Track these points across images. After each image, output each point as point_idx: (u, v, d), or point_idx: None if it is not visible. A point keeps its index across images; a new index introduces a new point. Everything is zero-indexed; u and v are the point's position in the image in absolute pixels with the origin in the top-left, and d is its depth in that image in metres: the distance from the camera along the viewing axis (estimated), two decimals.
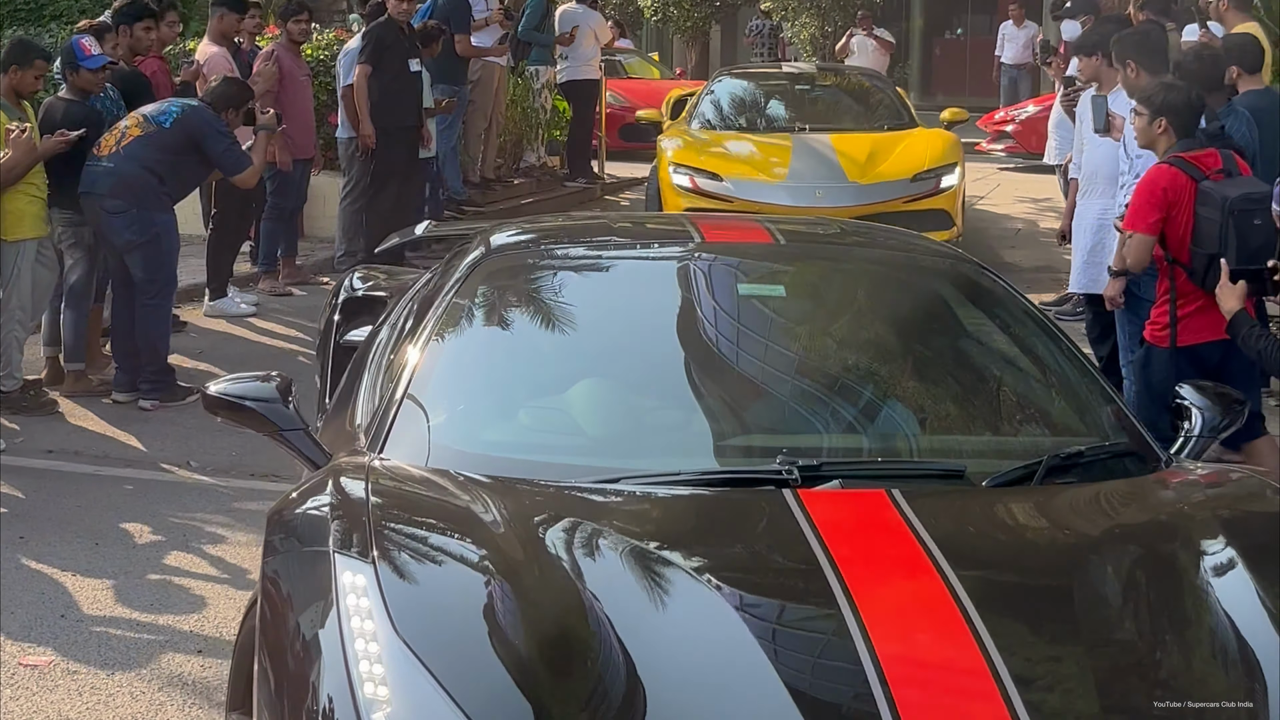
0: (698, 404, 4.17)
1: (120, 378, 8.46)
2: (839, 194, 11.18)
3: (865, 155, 11.76)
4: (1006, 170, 17.89)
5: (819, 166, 11.65)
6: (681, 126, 13.15)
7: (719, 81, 13.92)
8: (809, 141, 12.15)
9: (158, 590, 5.77)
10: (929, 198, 11.43)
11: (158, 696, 4.87)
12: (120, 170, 8.16)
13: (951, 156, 11.94)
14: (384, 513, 3.40)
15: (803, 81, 14.08)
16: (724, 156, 12.03)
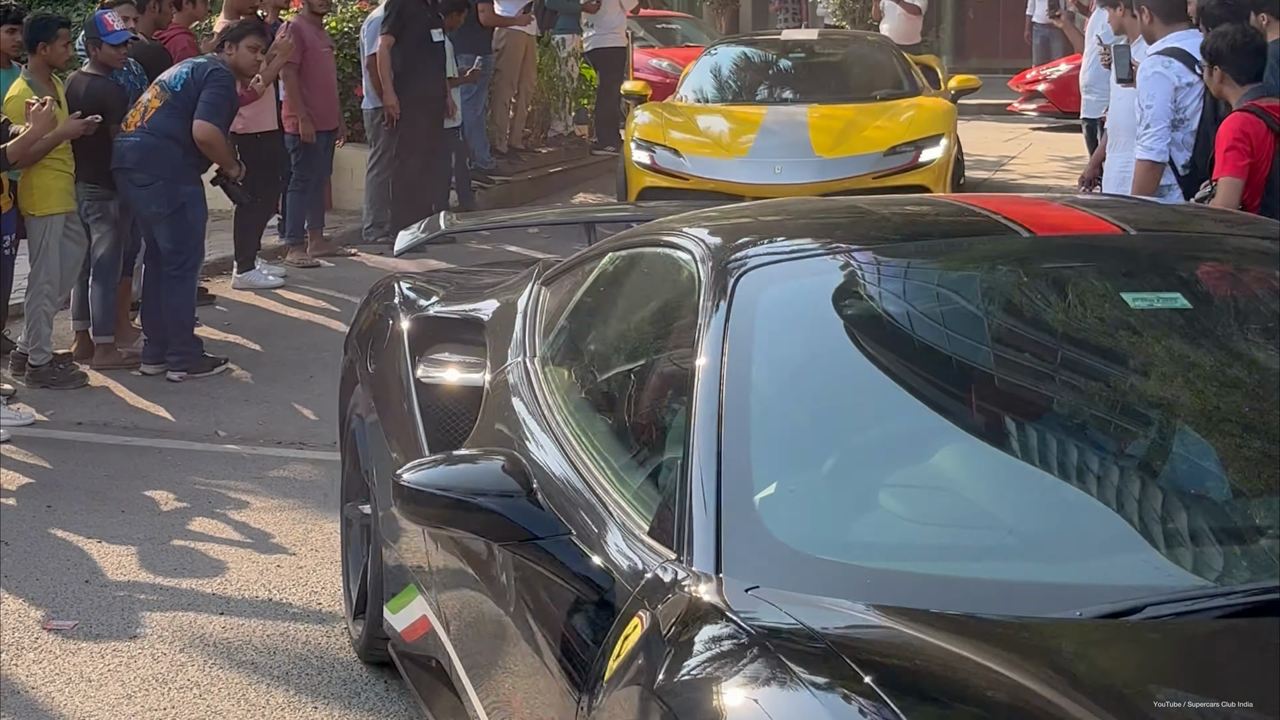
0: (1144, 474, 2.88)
1: (149, 350, 8.54)
2: (799, 169, 10.55)
3: (840, 128, 11.15)
4: (1039, 130, 17.78)
5: (784, 141, 11.00)
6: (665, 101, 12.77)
7: (712, 52, 13.43)
8: (783, 114, 11.60)
9: (182, 555, 5.84)
10: (904, 172, 10.65)
11: (179, 658, 4.93)
12: (145, 143, 8.24)
13: (937, 127, 11.16)
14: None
15: (798, 50, 13.41)
16: (689, 132, 11.52)
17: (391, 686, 4.72)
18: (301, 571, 5.64)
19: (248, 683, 4.76)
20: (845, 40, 14.37)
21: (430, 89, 11.52)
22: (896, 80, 12.44)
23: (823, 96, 12.04)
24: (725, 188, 10.18)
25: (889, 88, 12.30)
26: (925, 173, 10.67)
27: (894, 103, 11.76)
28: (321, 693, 4.69)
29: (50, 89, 8.04)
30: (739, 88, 12.67)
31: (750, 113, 11.74)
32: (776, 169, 10.41)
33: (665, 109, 12.13)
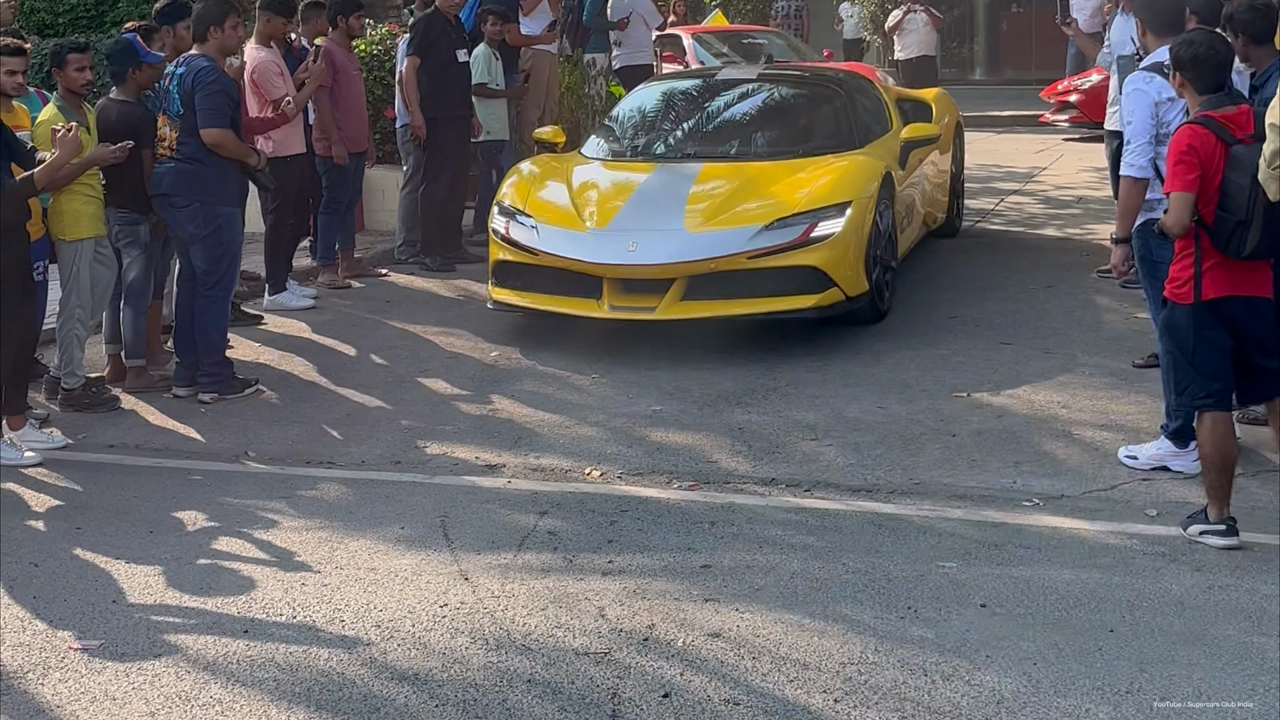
0: None
1: (180, 372, 8.62)
2: (657, 246, 8.84)
3: (723, 195, 9.33)
4: (1071, 140, 17.72)
5: (655, 210, 9.26)
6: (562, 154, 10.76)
7: (639, 91, 11.62)
8: (668, 176, 9.81)
9: (208, 575, 5.89)
10: (786, 252, 8.78)
11: (202, 676, 4.98)
12: (179, 169, 8.39)
13: (845, 192, 9.15)
14: None
15: (732, 92, 11.18)
16: (557, 195, 9.70)
17: (411, 703, 4.75)
18: (326, 590, 5.69)
19: (270, 700, 4.80)
20: (797, 80, 11.61)
21: (456, 108, 11.62)
22: (837, 130, 10.46)
23: (731, 152, 10.28)
24: (576, 267, 8.93)
25: (824, 139, 10.38)
26: (816, 251, 8.79)
27: (818, 160, 9.84)
28: (342, 711, 4.73)
29: (80, 115, 8.15)
30: (642, 138, 10.74)
31: (634, 173, 9.97)
32: (631, 246, 8.83)
33: (552, 162, 10.34)
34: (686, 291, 8.75)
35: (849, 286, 8.95)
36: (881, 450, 7.23)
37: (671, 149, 10.42)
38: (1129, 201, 6.76)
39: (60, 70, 8.28)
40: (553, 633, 5.25)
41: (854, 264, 9.00)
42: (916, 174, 10.71)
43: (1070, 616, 5.32)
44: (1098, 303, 10.10)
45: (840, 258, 8.91)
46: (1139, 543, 6.03)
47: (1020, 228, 12.92)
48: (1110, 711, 4.61)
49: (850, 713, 4.63)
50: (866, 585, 5.62)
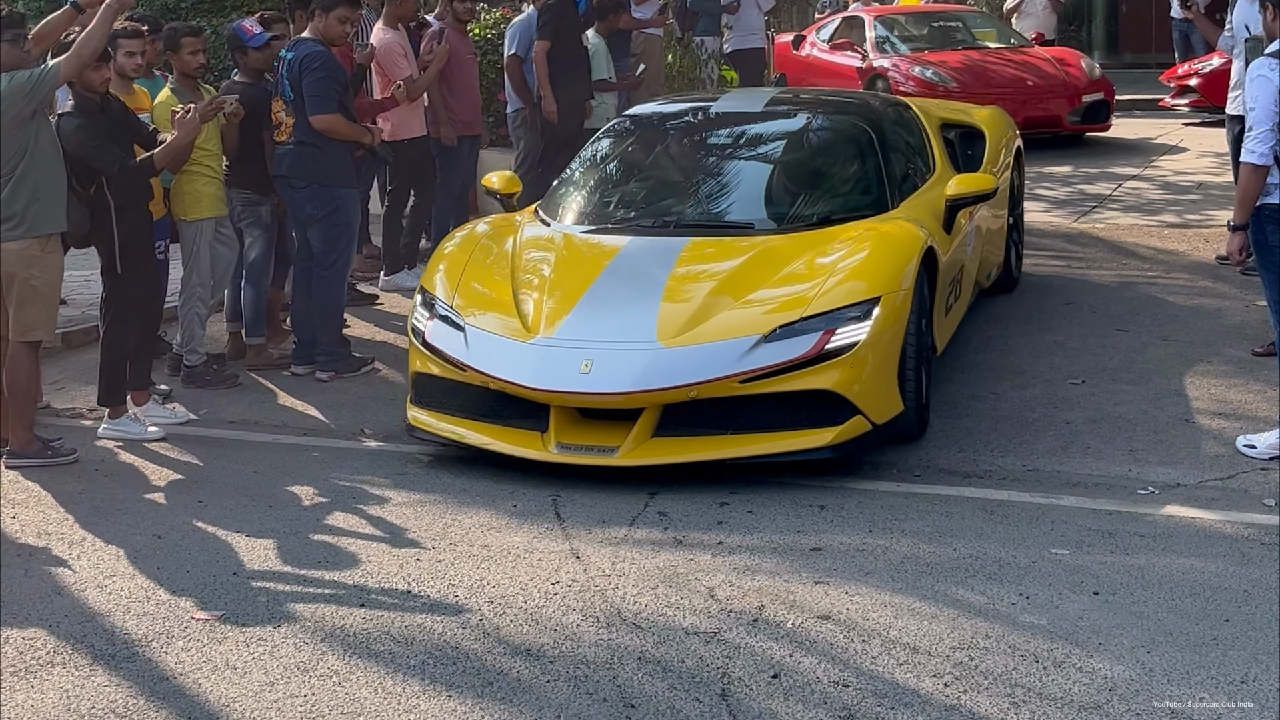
0: None
1: (298, 351, 8.78)
2: (619, 366, 6.59)
3: (716, 286, 7.00)
4: (1191, 125, 17.43)
5: (620, 310, 6.98)
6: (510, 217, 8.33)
7: (610, 129, 9.05)
8: (639, 257, 7.43)
9: (325, 549, 6.00)
10: (793, 371, 6.53)
11: (320, 647, 5.08)
12: (297, 151, 8.53)
13: (877, 284, 6.80)
14: None
15: (729, 129, 8.66)
16: (495, 280, 7.37)
17: (524, 676, 4.82)
18: (440, 565, 5.77)
19: (385, 672, 4.89)
20: (814, 113, 8.82)
21: (579, 93, 11.67)
22: (864, 184, 8.01)
23: (724, 218, 7.84)
24: (512, 391, 6.72)
25: (847, 197, 7.97)
26: (833, 370, 6.53)
27: (838, 231, 7.48)
28: (456, 683, 4.81)
29: (196, 97, 8.31)
30: (610, 198, 8.30)
31: (596, 251, 7.57)
32: (585, 366, 6.58)
33: (499, 228, 8.01)
34: (660, 424, 6.57)
35: (877, 412, 6.64)
36: (994, 436, 7.19)
37: (647, 213, 7.99)
38: (1248, 189, 6.67)
39: (175, 54, 8.46)
40: (663, 611, 5.29)
41: (884, 382, 6.70)
42: (964, 234, 8.23)
43: (1184, 605, 5.27)
44: (1217, 290, 9.95)
45: (865, 376, 6.59)
46: (1256, 532, 5.95)
47: (1138, 213, 12.74)
48: (1225, 702, 4.56)
49: (960, 697, 4.63)
50: (978, 570, 5.60)
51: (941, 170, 8.67)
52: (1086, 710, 4.53)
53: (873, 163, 8.10)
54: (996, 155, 9.47)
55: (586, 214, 8.09)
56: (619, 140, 8.83)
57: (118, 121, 7.51)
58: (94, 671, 4.96)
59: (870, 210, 7.75)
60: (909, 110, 9.29)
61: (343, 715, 4.61)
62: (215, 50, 12.22)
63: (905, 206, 7.87)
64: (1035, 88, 15.95)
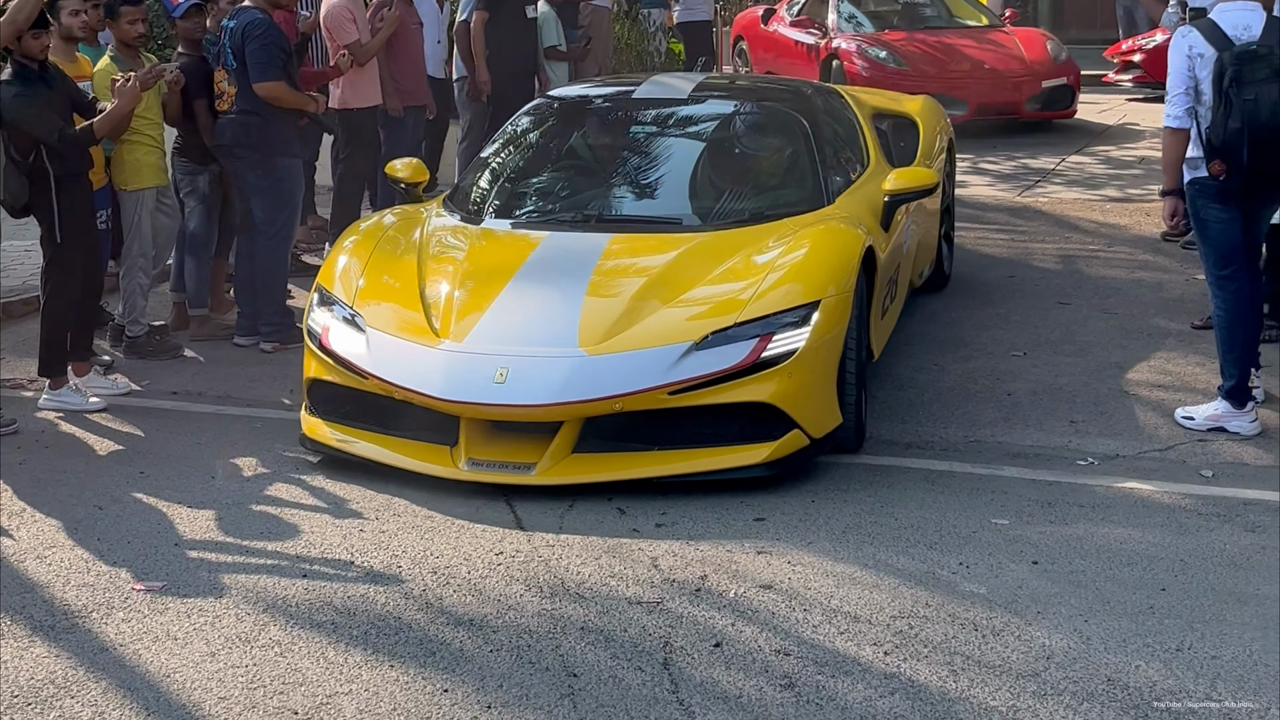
0: None
1: (242, 322, 8.73)
2: (538, 375, 6.11)
3: (642, 287, 6.52)
4: (1135, 100, 17.55)
5: (539, 313, 6.48)
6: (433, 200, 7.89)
7: (523, 117, 8.48)
8: (560, 256, 6.93)
9: (268, 520, 5.98)
10: (731, 382, 6.07)
11: (261, 618, 5.07)
12: (239, 120, 8.47)
13: (817, 285, 6.35)
14: None
15: (654, 117, 8.13)
16: (400, 279, 6.83)
17: (466, 647, 4.82)
18: (383, 536, 5.76)
19: (327, 643, 4.89)
20: (744, 100, 8.53)
21: (522, 64, 11.62)
22: (799, 179, 7.55)
23: (649, 214, 7.32)
24: (419, 402, 6.22)
25: (781, 192, 7.53)
26: (769, 380, 6.09)
27: (773, 228, 6.99)
28: (398, 654, 4.81)
29: (136, 65, 8.23)
30: (525, 191, 7.79)
31: (511, 250, 7.05)
32: (500, 374, 6.09)
33: (405, 221, 7.45)
34: (581, 440, 6.12)
35: (815, 426, 6.23)
36: (937, 408, 7.24)
37: (566, 206, 7.50)
38: (1169, 153, 6.83)
39: (113, 23, 8.37)
40: (606, 582, 5.31)
41: (823, 392, 6.27)
42: (901, 232, 7.75)
43: (1122, 574, 5.33)
44: (1158, 264, 10.04)
45: (803, 387, 6.16)
46: (1193, 503, 6.02)
47: (1080, 188, 12.83)
48: (1160, 669, 4.62)
49: (900, 665, 4.67)
50: (919, 540, 5.65)
51: (876, 163, 8.18)
52: (1024, 678, 4.58)
53: (807, 155, 7.63)
54: (930, 147, 9.05)
55: (500, 206, 7.58)
56: (536, 126, 8.32)
57: (57, 89, 7.43)
58: (33, 643, 4.93)
59: (805, 206, 7.27)
60: (841, 99, 8.89)
61: (284, 685, 4.61)
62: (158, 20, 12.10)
63: (842, 202, 7.38)
64: (993, 72, 15.29)
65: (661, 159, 7.84)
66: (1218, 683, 4.52)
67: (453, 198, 7.79)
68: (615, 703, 4.46)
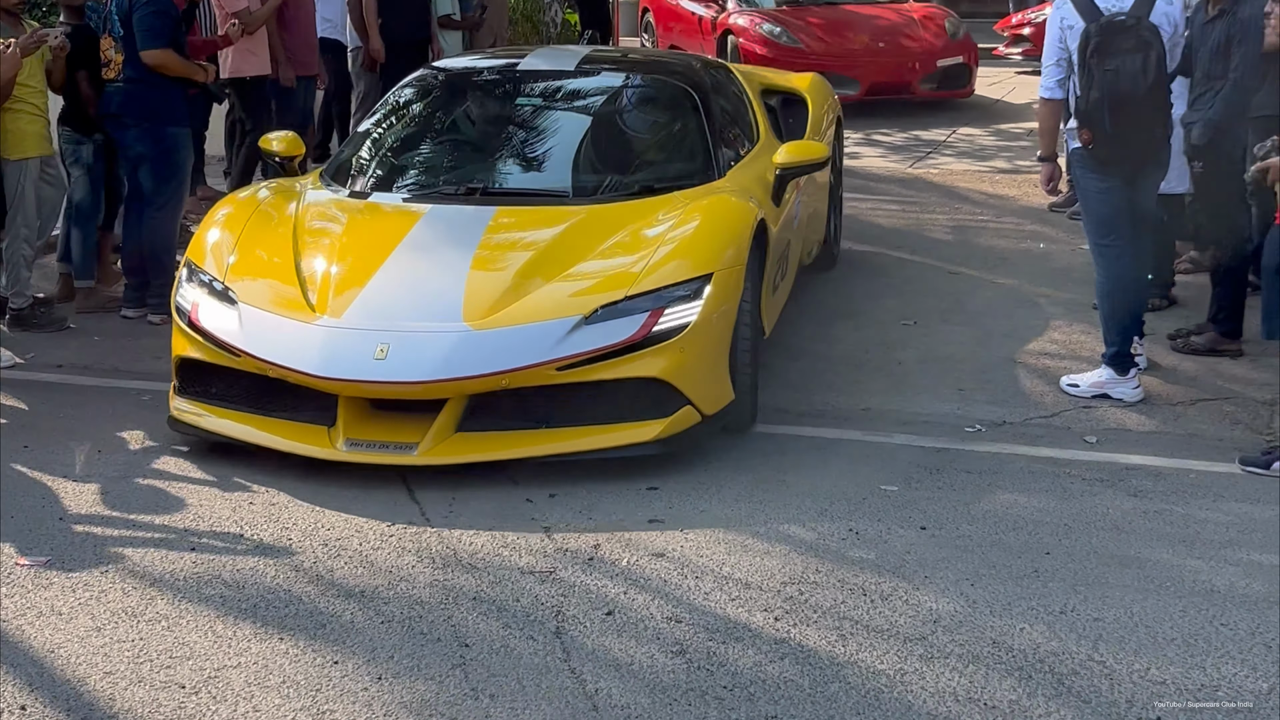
0: None
1: (129, 294, 8.60)
2: (420, 351, 5.91)
3: (529, 261, 6.34)
4: (1024, 74, 17.75)
5: (421, 288, 6.30)
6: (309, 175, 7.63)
7: (402, 89, 8.21)
8: (445, 226, 6.76)
9: (155, 493, 5.91)
10: (621, 357, 5.93)
11: (148, 591, 5.02)
12: (126, 89, 8.35)
13: (706, 259, 6.22)
14: None
15: (540, 90, 7.93)
16: (275, 253, 6.58)
17: (357, 619, 4.80)
18: (273, 508, 5.72)
19: (215, 616, 4.84)
20: (632, 73, 8.25)
21: (414, 32, 11.53)
22: (689, 151, 7.40)
23: (536, 188, 7.14)
24: (295, 380, 6.01)
25: (671, 164, 7.36)
26: (661, 355, 5.96)
27: (663, 201, 6.85)
28: (288, 626, 4.78)
29: (18, 32, 8.06)
30: (405, 163, 7.55)
31: (392, 223, 6.83)
32: (380, 351, 5.89)
33: (280, 195, 7.14)
34: (465, 418, 5.96)
35: (708, 402, 6.12)
36: (829, 376, 7.30)
37: (450, 178, 7.27)
38: (1044, 122, 7.22)
39: None
40: (498, 552, 5.31)
41: (715, 368, 6.17)
42: (792, 207, 7.63)
43: (1007, 539, 5.41)
44: (1045, 234, 10.19)
45: (696, 362, 6.04)
46: (1077, 468, 6.12)
47: (970, 159, 12.98)
48: (1044, 631, 4.70)
49: (790, 631, 4.71)
50: (810, 507, 5.70)
51: (766, 138, 8.08)
52: (912, 642, 4.64)
53: (697, 128, 7.46)
54: (819, 124, 8.90)
55: (380, 179, 7.34)
56: (417, 98, 8.04)
57: None
58: None
59: (696, 179, 7.11)
60: (730, 73, 8.70)
61: (171, 659, 4.56)
62: None
63: (732, 176, 7.25)
64: (886, 50, 15.15)
65: (548, 132, 7.64)
66: (1100, 644, 4.61)
67: (330, 171, 7.54)
68: (507, 672, 4.47)
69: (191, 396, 6.39)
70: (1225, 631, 4.70)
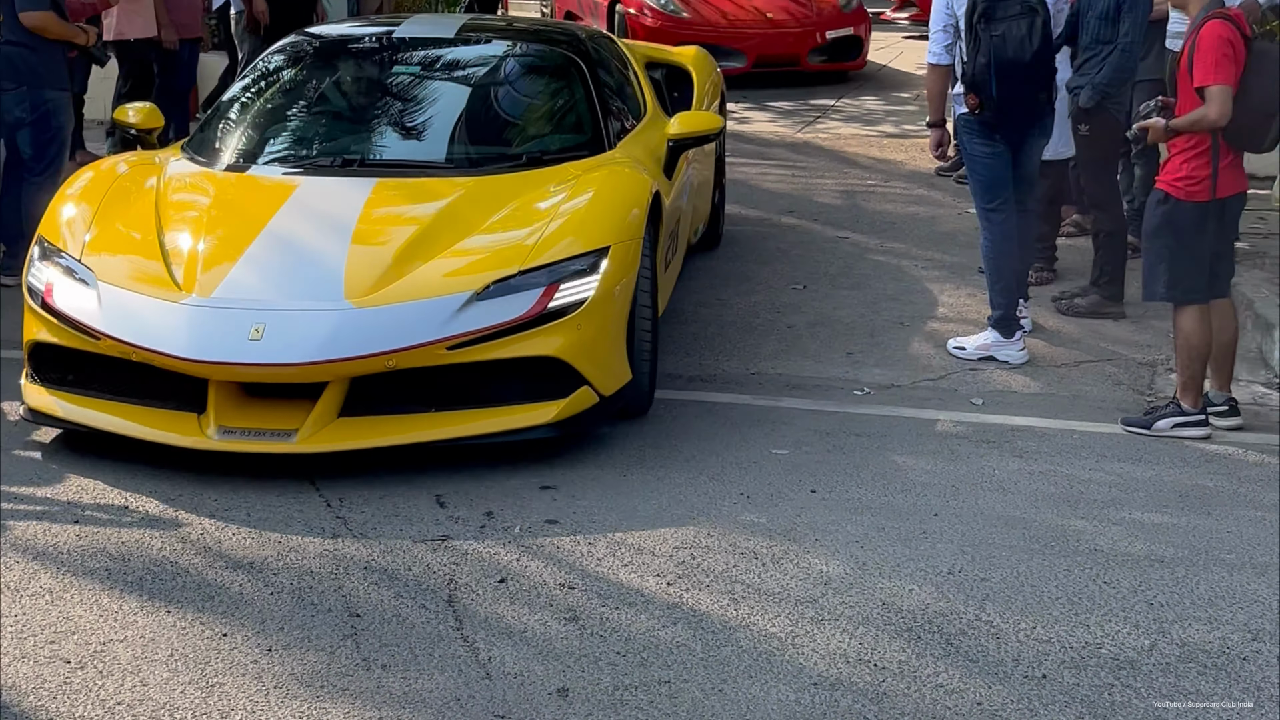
0: None
1: (8, 261, 8.41)
2: (299, 331, 5.56)
3: (414, 236, 6.01)
4: (911, 38, 17.88)
5: (297, 264, 5.97)
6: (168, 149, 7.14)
7: (272, 54, 7.75)
8: (321, 199, 6.43)
9: (35, 466, 5.79)
10: (515, 335, 5.64)
11: (31, 566, 4.93)
12: (3, 51, 8.17)
13: (604, 232, 5.99)
14: None
15: (418, 57, 7.57)
16: (136, 229, 6.18)
17: (246, 590, 4.75)
18: (158, 480, 5.62)
19: (100, 589, 4.77)
20: (515, 40, 7.97)
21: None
22: (576, 121, 7.13)
23: (418, 160, 6.80)
24: (161, 364, 5.60)
25: (559, 135, 7.09)
26: (556, 332, 5.69)
27: (553, 172, 6.61)
28: (175, 599, 4.72)
29: None
30: (277, 133, 7.11)
31: (265, 195, 6.49)
32: (256, 331, 5.53)
33: (139, 168, 6.71)
34: (348, 402, 5.63)
35: (605, 382, 5.85)
36: (719, 341, 7.33)
37: (325, 149, 6.88)
38: (929, 87, 7.41)
39: None
40: (389, 521, 5.27)
41: (613, 346, 5.90)
42: (682, 183, 7.38)
43: (896, 501, 5.47)
44: (932, 198, 10.29)
45: (594, 340, 5.78)
46: (965, 430, 6.21)
47: (859, 124, 13.06)
48: (933, 592, 4.76)
49: (683, 595, 4.73)
50: (702, 472, 5.72)
51: (654, 111, 7.80)
52: (802, 604, 4.68)
53: (585, 98, 7.15)
54: (704, 98, 8.64)
55: (249, 150, 6.88)
56: (287, 65, 7.56)
57: None
58: None
59: (585, 150, 6.83)
60: (614, 44, 8.40)
61: (56, 634, 4.49)
62: None
63: (623, 147, 6.99)
64: (775, 22, 14.63)
65: (428, 101, 7.25)
66: (987, 604, 4.68)
67: (194, 143, 7.06)
68: (399, 641, 4.45)
69: (48, 384, 5.93)
70: (1108, 590, 4.79)
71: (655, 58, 9.14)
